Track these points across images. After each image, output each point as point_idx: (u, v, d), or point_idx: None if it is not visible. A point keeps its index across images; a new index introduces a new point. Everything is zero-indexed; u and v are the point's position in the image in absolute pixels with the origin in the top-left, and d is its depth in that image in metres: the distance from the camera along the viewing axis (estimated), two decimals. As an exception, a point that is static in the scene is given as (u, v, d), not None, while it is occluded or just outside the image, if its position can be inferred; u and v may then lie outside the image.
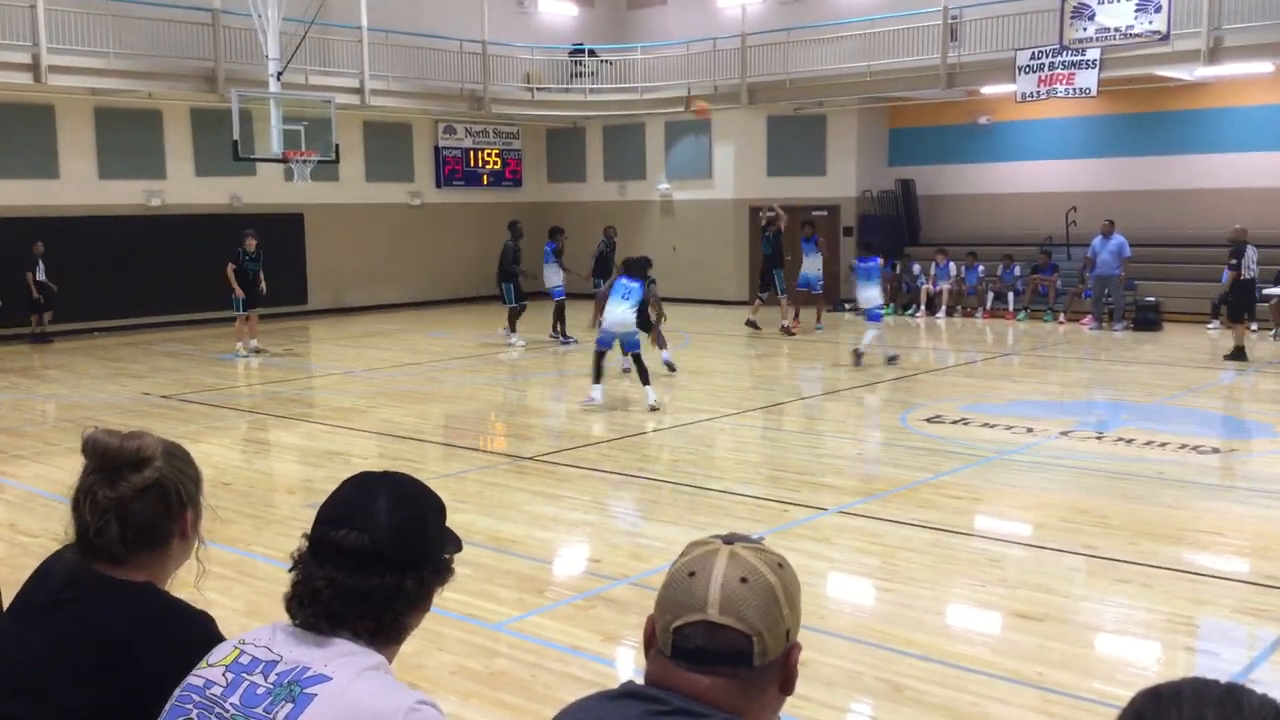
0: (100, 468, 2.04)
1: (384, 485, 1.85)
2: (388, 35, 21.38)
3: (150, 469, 2.06)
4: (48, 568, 2.14)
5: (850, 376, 13.61)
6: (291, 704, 1.66)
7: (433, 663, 4.84)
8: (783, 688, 1.58)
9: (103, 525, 2.01)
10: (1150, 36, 17.88)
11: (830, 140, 23.05)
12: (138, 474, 2.04)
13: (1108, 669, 4.96)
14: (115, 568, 2.04)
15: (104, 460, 2.04)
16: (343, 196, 22.62)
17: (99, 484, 2.03)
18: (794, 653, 1.57)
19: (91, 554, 2.04)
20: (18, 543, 6.96)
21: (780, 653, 1.55)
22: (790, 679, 1.58)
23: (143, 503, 2.04)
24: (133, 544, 2.04)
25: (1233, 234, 15.04)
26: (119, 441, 2.05)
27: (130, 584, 2.03)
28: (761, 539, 1.61)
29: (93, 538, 2.02)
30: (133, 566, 2.05)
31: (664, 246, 24.64)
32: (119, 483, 2.03)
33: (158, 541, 2.08)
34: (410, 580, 1.79)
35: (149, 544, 2.07)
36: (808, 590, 6.13)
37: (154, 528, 2.06)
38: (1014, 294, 20.10)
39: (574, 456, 9.35)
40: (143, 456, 2.05)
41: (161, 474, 2.07)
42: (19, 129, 18.39)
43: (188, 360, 15.90)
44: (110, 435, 2.06)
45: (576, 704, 1.60)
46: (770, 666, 1.54)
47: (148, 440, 2.08)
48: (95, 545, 2.03)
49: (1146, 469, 8.60)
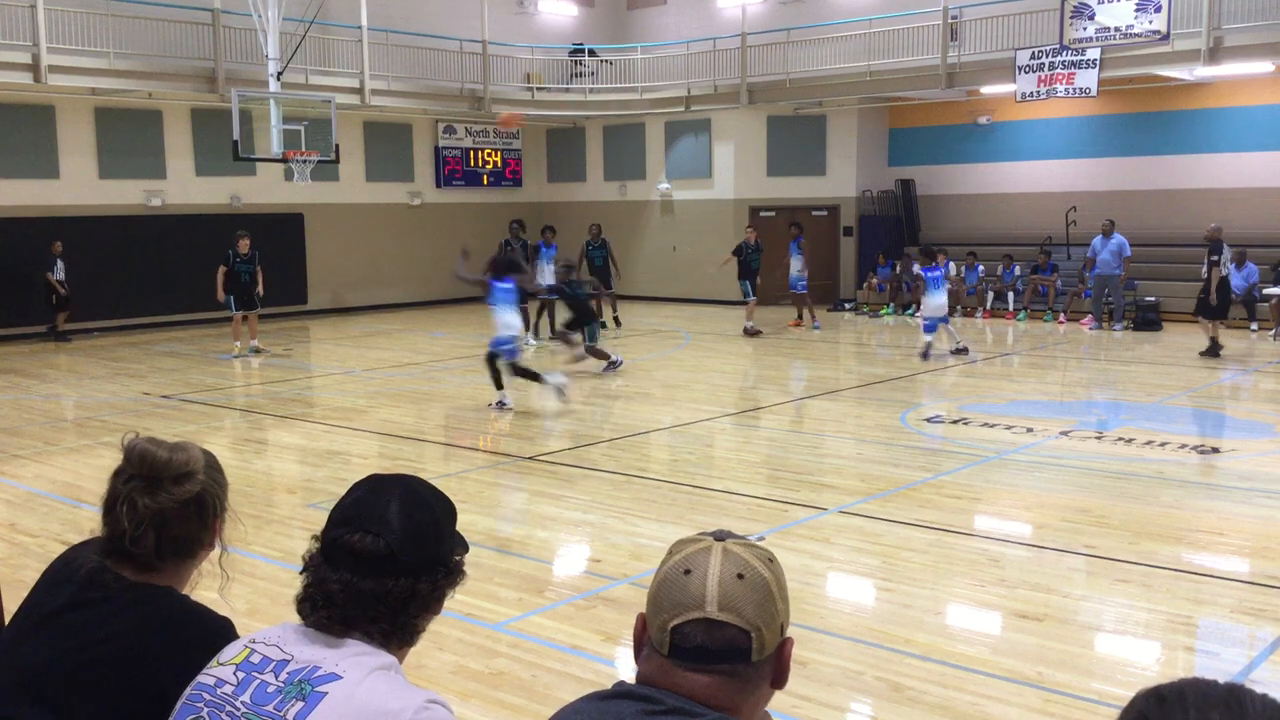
0: (141, 475, 2.03)
1: (397, 488, 1.85)
2: (388, 35, 21.39)
3: (193, 482, 2.06)
4: (63, 569, 2.13)
5: (851, 376, 13.61)
6: (302, 702, 1.67)
7: (433, 663, 4.84)
8: (775, 682, 1.59)
9: (141, 534, 2.00)
10: (1150, 36, 17.88)
11: (830, 140, 23.05)
12: (180, 486, 2.04)
13: (1108, 669, 4.96)
14: (141, 573, 2.04)
15: (150, 470, 2.03)
16: (343, 196, 22.63)
17: (139, 491, 2.02)
18: (787, 647, 1.58)
19: (121, 559, 2.03)
20: (18, 542, 6.96)
21: (774, 647, 1.56)
22: (783, 673, 1.59)
23: (182, 515, 2.04)
24: (167, 554, 2.05)
25: (1209, 233, 15.41)
26: (167, 454, 2.05)
27: (153, 588, 2.03)
28: (762, 539, 1.62)
29: (129, 545, 2.01)
30: (159, 574, 2.05)
31: (664, 246, 24.67)
32: (160, 493, 2.02)
33: (190, 552, 2.09)
34: (424, 583, 1.81)
35: (182, 554, 2.08)
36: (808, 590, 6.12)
37: (189, 539, 2.07)
38: (1014, 294, 20.10)
39: (574, 456, 9.35)
40: (188, 470, 2.06)
41: (203, 487, 2.08)
42: (19, 129, 18.39)
43: (188, 360, 15.89)
44: (159, 447, 2.06)
45: (570, 706, 1.59)
46: (765, 662, 1.55)
47: (194, 453, 2.09)
48: (129, 552, 2.02)
49: (1146, 469, 8.60)
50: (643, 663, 1.58)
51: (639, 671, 1.59)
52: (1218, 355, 14.64)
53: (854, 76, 21.18)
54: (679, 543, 1.61)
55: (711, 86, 23.06)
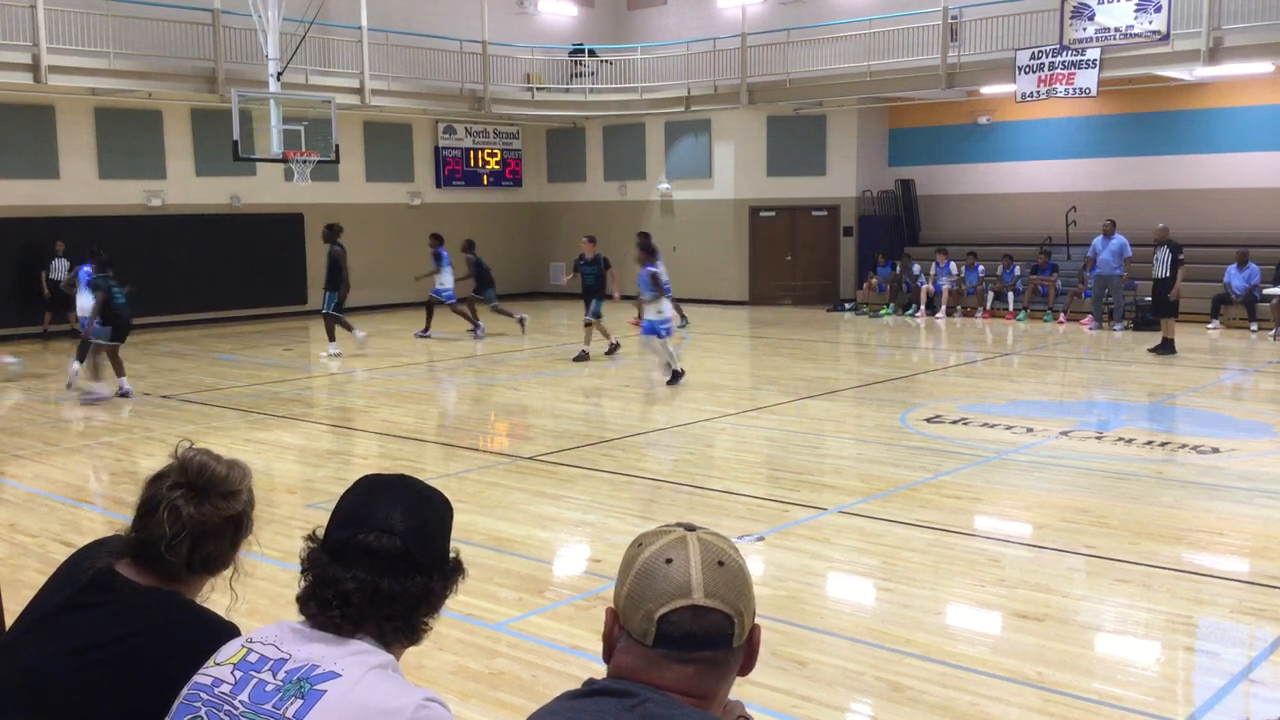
0: (191, 485, 2.03)
1: (400, 488, 1.87)
2: (388, 35, 21.39)
3: (237, 501, 2.07)
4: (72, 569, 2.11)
5: (851, 376, 13.60)
6: (301, 700, 1.67)
7: (433, 663, 4.84)
8: (744, 668, 1.62)
9: (178, 542, 2.00)
10: (1150, 36, 17.88)
11: (830, 140, 23.05)
12: (226, 502, 2.05)
13: (1108, 669, 4.96)
14: (159, 579, 2.03)
15: (205, 483, 2.04)
16: (343, 196, 22.62)
17: (184, 499, 2.02)
18: (756, 634, 1.62)
19: (144, 562, 2.02)
20: (17, 542, 6.96)
21: (747, 633, 1.59)
22: (752, 659, 1.62)
23: (220, 531, 2.05)
24: (196, 568, 2.05)
25: (1159, 234, 15.73)
26: (225, 470, 2.06)
27: (162, 592, 2.02)
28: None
29: (164, 550, 2.00)
30: (177, 583, 2.05)
31: (664, 246, 24.60)
32: (205, 505, 2.03)
33: (215, 568, 2.10)
34: (436, 581, 1.83)
35: (208, 569, 2.09)
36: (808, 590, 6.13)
37: (219, 555, 2.08)
38: (1014, 294, 20.10)
39: (574, 456, 9.35)
40: (237, 489, 2.07)
41: (244, 507, 2.09)
42: (19, 129, 18.39)
43: (188, 360, 15.89)
44: (217, 461, 2.07)
45: (545, 707, 1.60)
46: (740, 648, 1.58)
47: (246, 473, 2.10)
48: (158, 557, 2.01)
49: (1146, 469, 8.60)
50: (620, 656, 1.58)
51: (615, 664, 1.59)
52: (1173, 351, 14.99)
53: (854, 76, 21.18)
54: (646, 535, 1.62)
55: (711, 86, 23.06)
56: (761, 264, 23.80)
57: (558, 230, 25.90)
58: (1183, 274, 15.36)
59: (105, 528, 6.47)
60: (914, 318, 20.59)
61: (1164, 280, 15.36)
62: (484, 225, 25.27)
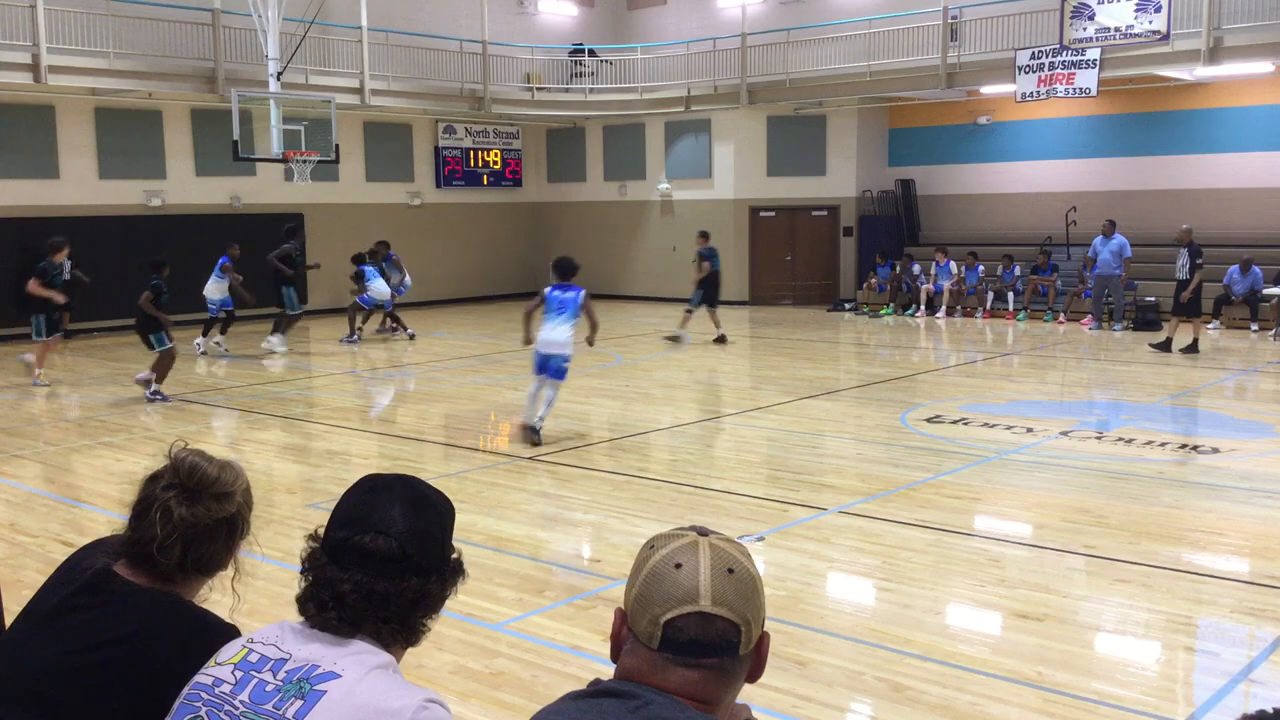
0: (183, 486, 2.03)
1: (400, 489, 1.86)
2: (388, 35, 21.39)
3: (230, 502, 2.07)
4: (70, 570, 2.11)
5: (851, 376, 13.59)
6: (301, 700, 1.67)
7: (433, 663, 4.84)
8: (751, 676, 1.61)
9: (170, 544, 2.00)
10: (1150, 36, 17.88)
11: (830, 140, 23.06)
12: (218, 504, 2.05)
13: (1108, 669, 4.96)
14: (155, 580, 2.03)
15: (197, 484, 2.03)
16: (343, 196, 22.63)
17: (176, 501, 2.02)
18: (765, 642, 1.61)
19: (139, 563, 2.02)
20: (17, 543, 6.96)
21: (756, 641, 1.58)
22: (760, 667, 1.62)
23: (213, 532, 2.04)
24: (190, 569, 2.05)
25: (1181, 235, 15.81)
26: (217, 472, 2.06)
27: (160, 593, 2.02)
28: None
29: (156, 551, 2.00)
30: (173, 584, 2.05)
31: (664, 247, 24.66)
32: (198, 506, 2.02)
33: (209, 569, 2.10)
34: (434, 582, 1.82)
35: (202, 570, 2.08)
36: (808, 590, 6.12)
37: (213, 557, 2.08)
38: (1014, 294, 20.10)
39: (574, 456, 9.35)
40: (230, 490, 2.07)
41: (238, 509, 2.08)
42: (19, 129, 18.39)
43: (188, 360, 15.88)
44: (209, 463, 2.06)
45: (549, 707, 1.60)
46: (748, 656, 1.58)
47: (239, 474, 2.10)
48: (151, 558, 2.01)
49: (1146, 469, 8.60)
50: (626, 657, 1.58)
51: (621, 666, 1.58)
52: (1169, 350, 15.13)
53: (854, 76, 21.18)
54: (659, 538, 1.62)
55: (711, 86, 23.06)
56: (761, 264, 23.80)
57: (557, 230, 25.89)
58: (1200, 276, 15.30)
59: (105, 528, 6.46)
60: (914, 318, 20.59)
61: (1186, 282, 15.36)
62: (484, 225, 25.30)
